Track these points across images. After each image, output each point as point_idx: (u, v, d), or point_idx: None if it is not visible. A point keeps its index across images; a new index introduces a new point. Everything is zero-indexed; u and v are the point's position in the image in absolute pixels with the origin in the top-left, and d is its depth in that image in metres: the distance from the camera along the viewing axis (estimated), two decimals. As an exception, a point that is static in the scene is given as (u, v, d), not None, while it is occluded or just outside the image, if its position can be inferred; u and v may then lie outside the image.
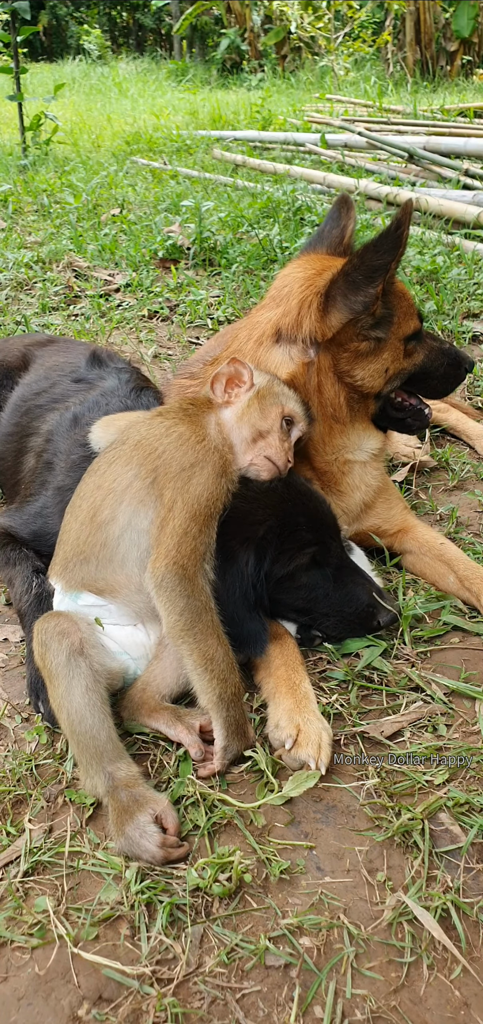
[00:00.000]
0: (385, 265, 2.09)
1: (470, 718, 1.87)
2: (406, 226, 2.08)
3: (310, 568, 1.98)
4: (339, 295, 2.15)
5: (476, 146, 7.27)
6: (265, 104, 12.39)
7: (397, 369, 2.28)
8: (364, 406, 2.29)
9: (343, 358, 2.20)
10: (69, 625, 1.70)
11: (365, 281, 2.11)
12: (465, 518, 2.66)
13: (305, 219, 5.99)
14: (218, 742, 1.71)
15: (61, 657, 1.65)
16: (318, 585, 1.99)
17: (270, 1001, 1.33)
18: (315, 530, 1.96)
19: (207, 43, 23.28)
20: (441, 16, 17.89)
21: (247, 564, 1.86)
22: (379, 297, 2.13)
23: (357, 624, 2.02)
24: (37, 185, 7.53)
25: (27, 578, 2.09)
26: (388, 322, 2.21)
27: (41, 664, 1.69)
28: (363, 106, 12.69)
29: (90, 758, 1.61)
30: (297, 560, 1.94)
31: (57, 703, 1.65)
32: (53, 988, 1.35)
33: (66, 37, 28.12)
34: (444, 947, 1.40)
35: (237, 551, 1.87)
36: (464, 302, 4.42)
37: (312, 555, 1.96)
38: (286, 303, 2.25)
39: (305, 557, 1.95)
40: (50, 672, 1.66)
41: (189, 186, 7.45)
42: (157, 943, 1.40)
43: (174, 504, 1.75)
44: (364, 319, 2.15)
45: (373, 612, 2.01)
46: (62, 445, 2.22)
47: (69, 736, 1.65)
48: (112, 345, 4.07)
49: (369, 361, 2.21)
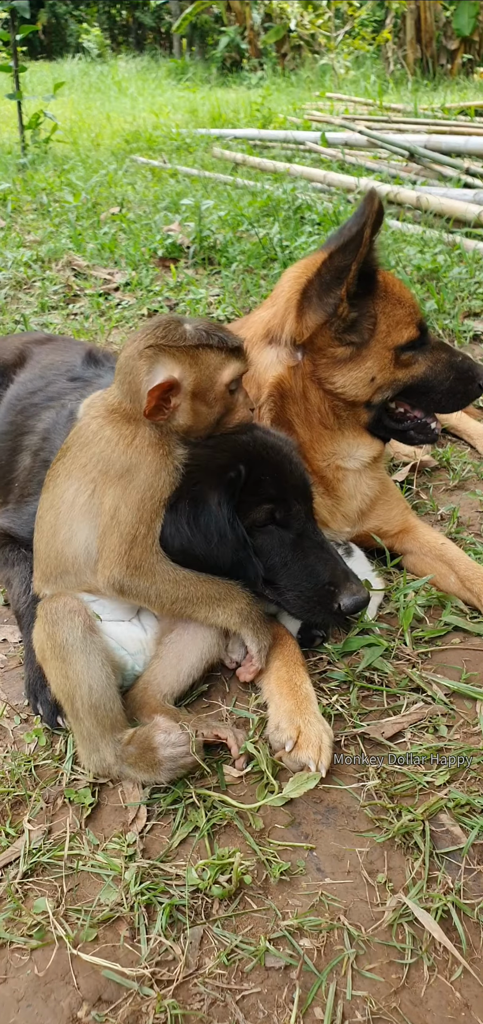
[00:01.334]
0: (348, 266, 2.05)
1: (471, 719, 1.87)
2: (369, 226, 2.01)
3: (267, 527, 1.83)
4: (314, 296, 2.12)
5: (477, 145, 7.26)
6: (265, 102, 12.39)
7: (387, 379, 2.19)
8: (353, 415, 2.23)
9: (321, 364, 2.16)
10: (78, 604, 1.72)
11: (333, 282, 2.08)
12: (466, 518, 2.66)
13: (305, 218, 5.98)
14: (253, 649, 1.84)
15: (77, 632, 1.67)
16: (274, 550, 1.83)
17: (270, 1002, 1.32)
18: (278, 487, 1.82)
19: (207, 41, 23.27)
20: (442, 14, 17.88)
21: (219, 505, 1.75)
22: (343, 299, 2.08)
23: (316, 603, 1.84)
24: (36, 184, 7.52)
25: (25, 579, 2.09)
26: (367, 329, 2.14)
27: (49, 644, 1.69)
28: (364, 104, 12.69)
29: (103, 730, 1.66)
30: (253, 515, 1.81)
31: (75, 677, 1.65)
32: (52, 989, 1.34)
33: (65, 35, 28.09)
34: (445, 948, 1.40)
35: (207, 495, 1.76)
36: (465, 301, 4.41)
37: (271, 512, 1.82)
38: (277, 304, 2.24)
39: (262, 513, 1.81)
40: (63, 648, 1.66)
41: (189, 185, 7.45)
42: (157, 944, 1.40)
43: (116, 511, 1.72)
44: (336, 322, 2.11)
45: (334, 592, 1.83)
46: (59, 443, 2.21)
47: (86, 711, 1.65)
48: (111, 344, 4.06)
49: (349, 368, 2.15)
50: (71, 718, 1.69)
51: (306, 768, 1.68)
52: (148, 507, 1.73)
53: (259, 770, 1.72)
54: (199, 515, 1.76)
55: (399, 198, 6.14)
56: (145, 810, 1.65)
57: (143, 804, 1.66)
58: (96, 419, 1.83)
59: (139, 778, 1.68)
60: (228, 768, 1.73)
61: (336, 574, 1.84)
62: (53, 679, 1.70)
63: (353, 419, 2.23)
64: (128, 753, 1.67)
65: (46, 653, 1.70)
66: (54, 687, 1.70)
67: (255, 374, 2.22)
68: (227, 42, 21.19)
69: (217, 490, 1.77)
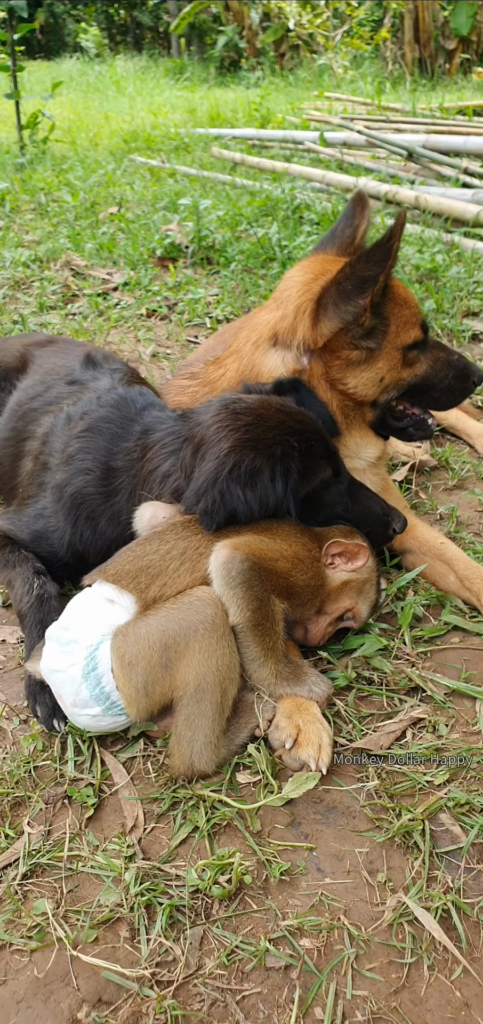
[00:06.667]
0: (374, 277, 2.07)
1: (470, 718, 1.87)
2: (397, 239, 2.05)
3: (330, 485, 2.01)
4: (331, 303, 2.13)
5: (475, 144, 7.26)
6: (263, 102, 12.37)
7: (394, 379, 2.24)
8: (360, 414, 2.27)
9: (335, 366, 2.19)
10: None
11: (355, 291, 2.10)
12: (465, 517, 2.66)
13: (304, 217, 5.98)
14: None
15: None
16: (338, 501, 2.03)
17: (270, 1003, 1.32)
18: (325, 447, 1.97)
19: (205, 41, 23.22)
20: (440, 14, 17.86)
21: (272, 481, 1.84)
22: (368, 309, 2.10)
23: (375, 535, 2.09)
24: (34, 183, 7.51)
25: (28, 579, 2.09)
26: (381, 332, 2.18)
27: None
28: (362, 104, 12.67)
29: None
30: (320, 475, 1.96)
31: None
32: (52, 991, 1.34)
33: (63, 35, 28.07)
34: (445, 948, 1.40)
35: (261, 467, 1.84)
36: (464, 300, 4.41)
37: (332, 470, 1.98)
38: (284, 307, 2.24)
39: (327, 472, 1.97)
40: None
41: (187, 184, 7.44)
42: (157, 945, 1.40)
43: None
44: (354, 329, 2.14)
45: (388, 520, 2.10)
46: (57, 445, 2.21)
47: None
48: (110, 344, 4.06)
49: (362, 370, 2.19)
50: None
51: (306, 766, 1.69)
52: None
53: (259, 770, 1.72)
54: (255, 483, 1.83)
55: (397, 198, 6.14)
56: (142, 811, 1.65)
57: (143, 804, 1.66)
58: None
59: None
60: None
61: (384, 507, 2.12)
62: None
63: (359, 418, 2.27)
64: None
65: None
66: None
67: (259, 376, 2.23)
68: (225, 42, 21.16)
69: (271, 465, 1.85)
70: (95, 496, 2.07)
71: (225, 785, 1.68)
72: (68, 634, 1.74)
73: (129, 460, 2.06)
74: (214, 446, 1.85)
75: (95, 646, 1.69)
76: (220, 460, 1.82)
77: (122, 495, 2.05)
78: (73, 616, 1.78)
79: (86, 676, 1.68)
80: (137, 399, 2.21)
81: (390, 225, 2.06)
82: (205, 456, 1.86)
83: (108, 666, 1.67)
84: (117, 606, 1.74)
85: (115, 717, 1.72)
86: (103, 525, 2.07)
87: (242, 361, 2.30)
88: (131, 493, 2.03)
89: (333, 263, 2.29)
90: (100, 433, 2.13)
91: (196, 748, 1.65)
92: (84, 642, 1.70)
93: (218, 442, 1.85)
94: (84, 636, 1.71)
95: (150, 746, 1.80)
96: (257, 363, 2.24)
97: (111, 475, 2.07)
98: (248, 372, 2.27)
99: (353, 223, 2.44)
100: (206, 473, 1.82)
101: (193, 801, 1.65)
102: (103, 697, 1.68)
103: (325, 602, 1.97)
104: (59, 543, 2.13)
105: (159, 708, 1.70)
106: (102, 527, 2.07)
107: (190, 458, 1.91)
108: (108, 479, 2.07)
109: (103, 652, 1.68)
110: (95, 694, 1.68)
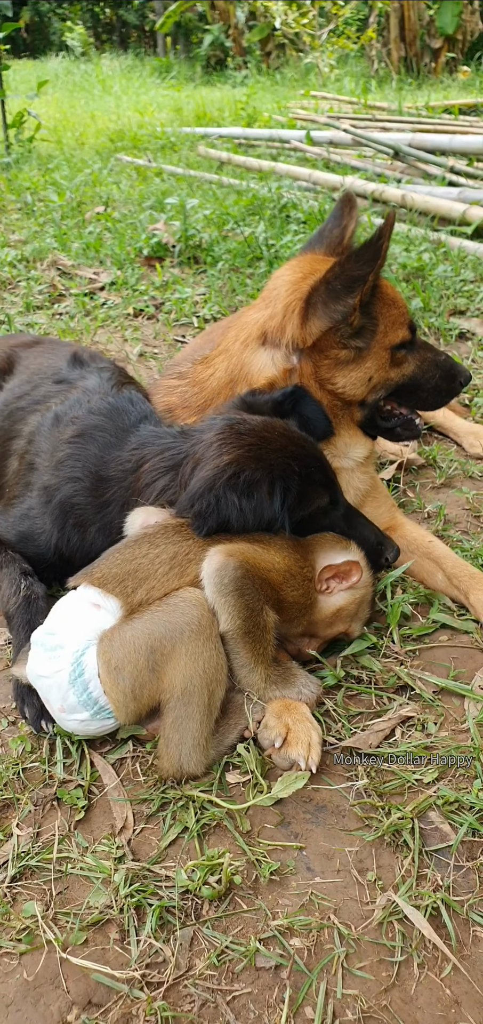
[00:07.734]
0: (364, 276, 2.07)
1: (459, 716, 1.87)
2: (387, 238, 2.06)
3: (327, 511, 2.02)
4: (320, 303, 2.13)
5: (461, 143, 7.29)
6: (250, 101, 12.38)
7: (382, 379, 2.24)
8: (349, 413, 2.27)
9: (323, 365, 2.19)
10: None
11: (344, 291, 2.10)
12: (453, 516, 2.67)
13: (291, 216, 5.99)
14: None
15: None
16: (335, 527, 2.04)
17: (261, 1003, 1.32)
18: (324, 474, 1.98)
19: (191, 40, 23.18)
20: (425, 13, 17.90)
21: (271, 496, 1.84)
22: (357, 308, 2.11)
23: (373, 561, 2.10)
24: (20, 183, 7.47)
25: (15, 580, 2.07)
26: (370, 332, 2.18)
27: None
28: (348, 103, 12.69)
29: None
30: (318, 501, 1.97)
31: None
32: (42, 994, 1.33)
33: (49, 34, 27.92)
34: (434, 946, 1.40)
35: (260, 480, 1.83)
36: (450, 299, 4.43)
37: (329, 497, 1.99)
38: (273, 306, 2.24)
39: (324, 499, 1.98)
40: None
41: (174, 183, 7.43)
42: (147, 946, 1.39)
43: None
44: (343, 328, 2.14)
45: (381, 549, 2.11)
46: (44, 445, 2.20)
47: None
48: (97, 344, 4.04)
49: (350, 369, 2.19)
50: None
51: (296, 765, 1.69)
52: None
53: (248, 770, 1.72)
54: (252, 493, 1.82)
55: (384, 196, 6.16)
56: (131, 813, 1.64)
57: (132, 806, 1.65)
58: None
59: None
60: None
61: (378, 535, 2.14)
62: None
63: (348, 417, 2.28)
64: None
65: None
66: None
67: (248, 375, 2.23)
68: (211, 40, 21.13)
69: (270, 479, 1.85)
70: (85, 506, 2.05)
71: (215, 785, 1.68)
72: (53, 639, 1.73)
73: (122, 471, 2.03)
74: (214, 459, 1.85)
75: (81, 651, 1.68)
76: (219, 468, 1.81)
77: (114, 506, 2.01)
78: (58, 621, 1.76)
79: (73, 682, 1.67)
80: (131, 410, 2.19)
81: (379, 225, 2.06)
82: (204, 468, 1.86)
83: (95, 671, 1.66)
84: (102, 610, 1.73)
85: (103, 721, 1.72)
86: (93, 534, 2.04)
87: (231, 360, 2.30)
88: (124, 505, 1.99)
89: (322, 263, 2.29)
90: (92, 440, 2.10)
91: (184, 750, 1.65)
92: (70, 647, 1.69)
93: (219, 456, 1.85)
94: (70, 641, 1.70)
95: (139, 747, 1.80)
96: (246, 362, 2.23)
97: (103, 485, 2.04)
98: (238, 371, 2.26)
99: (341, 223, 2.44)
100: (203, 478, 1.81)
101: (182, 802, 1.65)
102: (91, 703, 1.67)
103: (319, 627, 1.97)
104: (46, 545, 2.12)
105: (147, 711, 1.69)
106: (91, 535, 2.04)
107: (190, 474, 1.90)
108: (99, 489, 2.04)
109: (89, 657, 1.67)
110: (83, 700, 1.67)
